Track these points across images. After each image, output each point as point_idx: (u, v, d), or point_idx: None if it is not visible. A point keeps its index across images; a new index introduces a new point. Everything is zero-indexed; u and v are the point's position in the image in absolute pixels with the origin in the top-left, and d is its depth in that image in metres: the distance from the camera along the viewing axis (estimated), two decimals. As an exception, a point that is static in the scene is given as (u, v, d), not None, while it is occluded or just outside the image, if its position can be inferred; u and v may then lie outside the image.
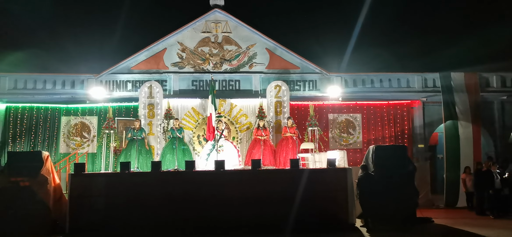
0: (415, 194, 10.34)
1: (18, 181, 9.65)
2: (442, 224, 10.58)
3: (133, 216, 9.67)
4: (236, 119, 14.59)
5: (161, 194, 9.86)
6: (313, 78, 15.51)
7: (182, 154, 11.96)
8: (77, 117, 14.49)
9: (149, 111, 13.84)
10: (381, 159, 10.30)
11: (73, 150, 14.21)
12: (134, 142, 11.90)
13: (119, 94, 14.96)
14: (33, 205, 9.54)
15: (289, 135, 12.51)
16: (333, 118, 15.01)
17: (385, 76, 15.66)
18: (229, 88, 15.24)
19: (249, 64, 15.39)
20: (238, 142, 14.29)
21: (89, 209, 9.68)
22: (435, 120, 15.36)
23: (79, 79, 15.06)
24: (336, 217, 9.84)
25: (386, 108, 15.13)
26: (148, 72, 15.17)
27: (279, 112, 14.04)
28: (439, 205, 14.39)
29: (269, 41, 15.51)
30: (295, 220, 9.55)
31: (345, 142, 14.88)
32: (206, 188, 9.94)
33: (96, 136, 14.23)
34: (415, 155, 14.69)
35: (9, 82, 14.75)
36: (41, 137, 14.22)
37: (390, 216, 9.78)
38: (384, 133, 14.91)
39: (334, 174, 10.16)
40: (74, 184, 9.86)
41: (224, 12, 15.46)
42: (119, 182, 10.05)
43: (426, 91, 15.47)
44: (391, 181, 9.96)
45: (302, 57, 15.53)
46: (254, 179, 10.19)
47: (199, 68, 15.29)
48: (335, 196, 9.91)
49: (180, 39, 15.35)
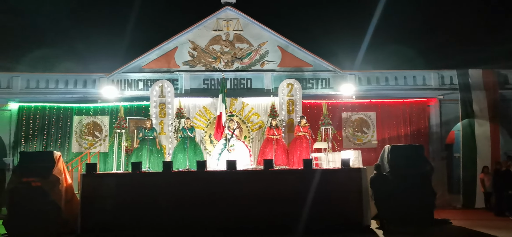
0: (432, 195, 10.10)
1: (30, 181, 9.68)
2: (460, 226, 10.35)
3: (144, 216, 9.63)
4: (248, 118, 14.44)
5: (172, 194, 9.81)
6: (326, 76, 15.27)
7: (193, 154, 11.85)
8: (89, 117, 14.48)
9: (160, 110, 13.77)
10: (397, 159, 10.08)
11: (85, 150, 14.20)
12: (146, 142, 11.82)
13: (130, 93, 14.92)
14: (44, 205, 9.56)
15: (302, 134, 12.31)
16: (347, 116, 14.75)
17: (400, 74, 15.32)
18: (241, 87, 15.08)
19: (260, 62, 15.22)
20: (250, 141, 14.14)
21: (101, 209, 9.65)
22: (452, 119, 14.99)
23: (91, 78, 15.07)
24: (350, 219, 9.67)
25: (401, 106, 14.80)
26: (159, 71, 15.10)
27: (292, 111, 13.85)
28: (456, 206, 14.15)
29: (281, 38, 15.31)
30: (308, 221, 9.42)
31: (359, 141, 14.61)
32: (217, 188, 9.85)
33: (108, 136, 14.19)
34: (431, 155, 14.35)
35: (22, 82, 14.80)
36: (54, 137, 14.24)
37: (406, 217, 9.57)
38: (400, 132, 14.59)
39: (348, 174, 9.99)
40: (86, 184, 9.86)
41: (236, 10, 15.31)
42: (130, 182, 10.02)
43: (443, 89, 15.10)
44: (408, 181, 9.74)
45: (314, 55, 15.30)
46: (266, 179, 10.08)
47: (211, 66, 15.16)
48: (349, 197, 9.74)
49: (191, 38, 15.24)
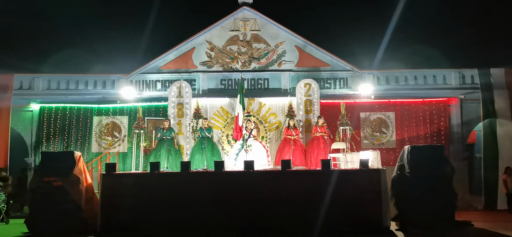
0: (453, 196, 9.89)
1: (51, 180, 9.83)
2: (482, 228, 10.11)
3: (163, 216, 9.68)
4: (265, 118, 14.42)
5: (190, 194, 9.83)
6: (344, 76, 15.13)
7: (211, 154, 11.89)
8: (108, 117, 14.68)
9: (178, 111, 13.87)
10: (417, 159, 9.90)
11: (104, 150, 14.42)
12: (164, 142, 11.91)
13: (148, 93, 15.06)
14: (65, 204, 9.71)
15: (319, 135, 12.22)
16: (365, 116, 14.60)
17: (420, 73, 15.08)
18: (258, 87, 15.07)
19: (278, 62, 15.18)
20: (267, 141, 14.13)
21: (120, 209, 9.75)
22: (474, 118, 14.69)
23: (110, 79, 15.25)
24: (369, 220, 9.53)
25: (421, 106, 14.57)
26: (177, 72, 15.19)
27: (309, 111, 13.77)
28: (478, 207, 13.88)
29: (298, 38, 15.24)
30: (326, 223, 9.32)
31: (378, 141, 14.45)
32: (235, 189, 9.84)
33: (127, 136, 14.36)
34: (452, 155, 14.10)
35: (43, 83, 15.07)
36: (74, 137, 14.48)
37: (427, 219, 9.40)
38: (419, 132, 14.37)
39: (367, 175, 9.85)
40: (105, 184, 9.96)
41: (253, 10, 15.30)
42: (149, 182, 10.09)
43: (464, 88, 14.80)
44: (428, 182, 9.57)
45: (332, 54, 15.18)
46: (284, 180, 10.02)
47: (228, 67, 15.19)
48: (368, 198, 9.60)
49: (208, 38, 15.30)
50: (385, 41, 17.27)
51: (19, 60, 16.69)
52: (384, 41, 17.29)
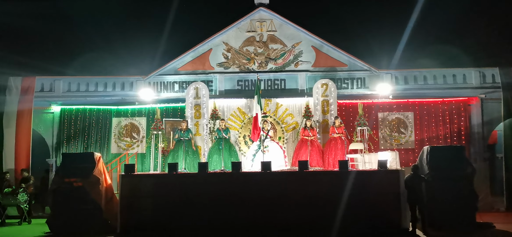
0: (474, 197, 9.75)
1: (72, 181, 10.04)
2: (504, 229, 9.93)
3: (181, 217, 9.78)
4: (282, 119, 14.41)
5: (208, 194, 9.92)
6: (361, 76, 15.00)
7: (228, 155, 11.93)
8: (127, 118, 14.87)
9: (195, 112, 13.94)
10: (437, 160, 9.79)
11: (123, 151, 14.60)
12: (182, 143, 12.00)
13: (166, 95, 15.18)
14: (85, 205, 9.88)
15: (337, 136, 12.15)
16: (383, 116, 14.45)
17: (439, 72, 14.83)
18: (275, 88, 15.06)
19: (294, 62, 15.14)
20: (284, 142, 14.10)
21: (139, 209, 9.89)
22: (495, 118, 14.38)
23: (128, 81, 15.42)
24: (388, 221, 9.47)
25: (440, 105, 14.35)
26: (194, 73, 15.29)
27: (326, 111, 13.69)
28: (500, 209, 13.61)
29: (315, 38, 15.17)
30: (344, 224, 9.30)
31: (396, 142, 14.28)
32: (252, 189, 9.89)
33: (145, 137, 14.52)
34: (473, 155, 13.84)
35: (63, 85, 15.31)
36: (94, 138, 14.72)
37: (448, 221, 9.27)
38: (439, 132, 14.15)
39: (386, 176, 9.79)
40: (124, 184, 10.10)
41: (269, 11, 15.29)
42: (167, 183, 10.20)
43: (485, 88, 14.50)
44: (448, 183, 9.42)
45: (349, 54, 15.06)
46: (301, 180, 10.03)
47: (244, 68, 15.22)
48: (387, 199, 9.54)
49: (225, 39, 15.35)
50: (403, 40, 17.08)
51: (41, 62, 17.05)
52: (403, 40, 17.09)
